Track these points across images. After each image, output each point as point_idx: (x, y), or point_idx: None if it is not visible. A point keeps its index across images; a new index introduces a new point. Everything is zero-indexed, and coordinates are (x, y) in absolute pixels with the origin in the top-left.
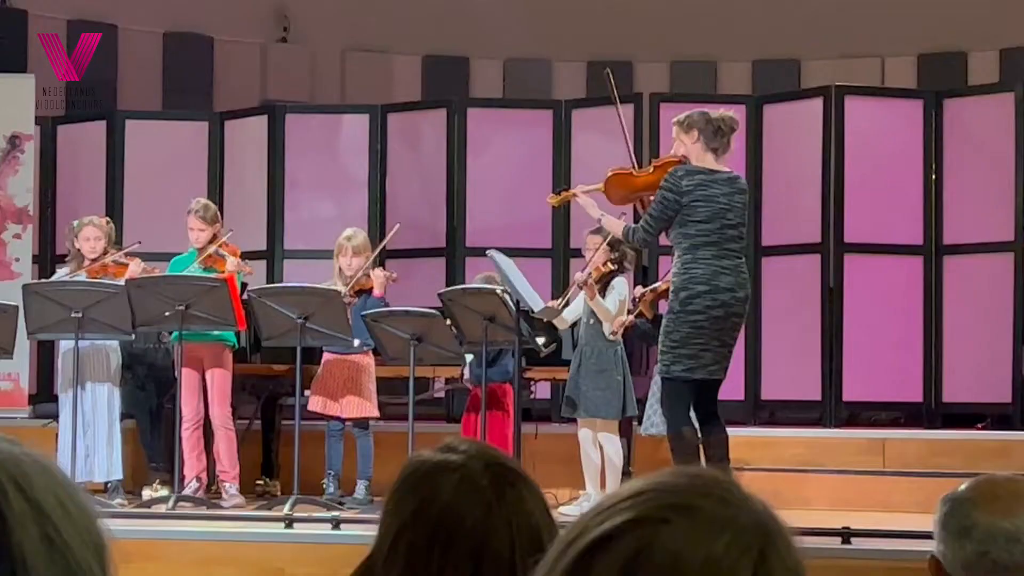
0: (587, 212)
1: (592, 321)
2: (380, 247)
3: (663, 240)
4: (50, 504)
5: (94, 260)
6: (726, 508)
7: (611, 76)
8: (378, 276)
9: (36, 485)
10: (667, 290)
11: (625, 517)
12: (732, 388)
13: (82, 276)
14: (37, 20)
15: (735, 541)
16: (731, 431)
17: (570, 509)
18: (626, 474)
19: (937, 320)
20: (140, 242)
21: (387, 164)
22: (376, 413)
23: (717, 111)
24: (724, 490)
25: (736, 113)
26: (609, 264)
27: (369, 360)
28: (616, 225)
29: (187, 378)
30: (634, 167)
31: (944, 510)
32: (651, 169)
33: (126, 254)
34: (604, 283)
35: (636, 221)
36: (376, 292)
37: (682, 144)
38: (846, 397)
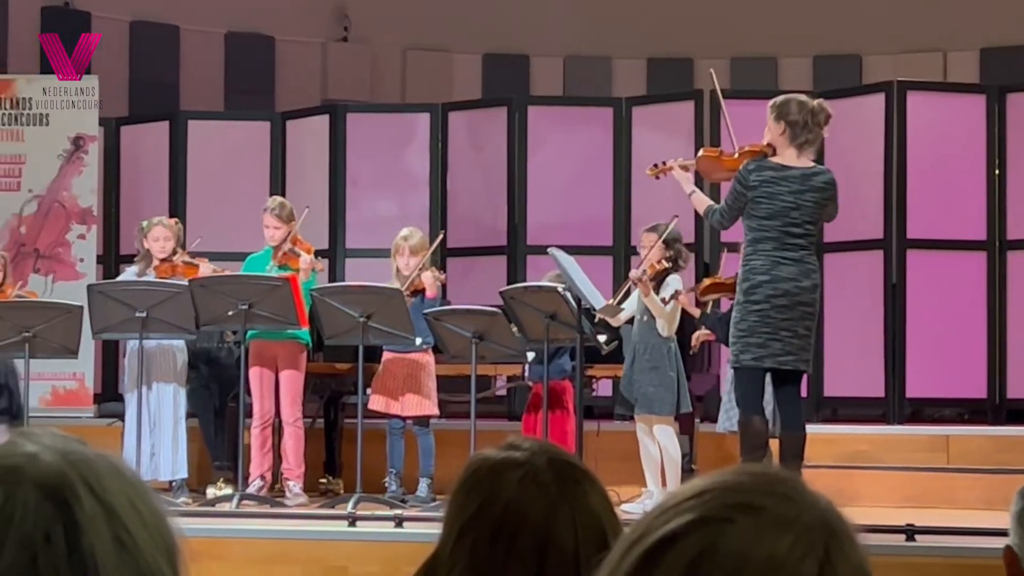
0: (681, 184)
1: (646, 318)
2: (424, 255)
3: (724, 236)
4: (122, 506)
5: (164, 260)
6: (790, 507)
7: (714, 76)
8: (427, 278)
9: (108, 487)
10: (709, 286)
11: (689, 517)
12: None
13: (152, 276)
14: (100, 22)
15: (800, 540)
16: None
17: (632, 507)
18: (689, 472)
19: (1001, 316)
20: (200, 238)
21: (448, 162)
22: (436, 411)
23: (815, 101)
24: (788, 488)
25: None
26: (664, 262)
27: (429, 358)
28: (703, 203)
29: (260, 376)
30: (722, 150)
31: (1021, 504)
32: (736, 155)
33: (193, 254)
34: (659, 280)
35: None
36: (428, 294)
37: (770, 131)
38: (909, 393)
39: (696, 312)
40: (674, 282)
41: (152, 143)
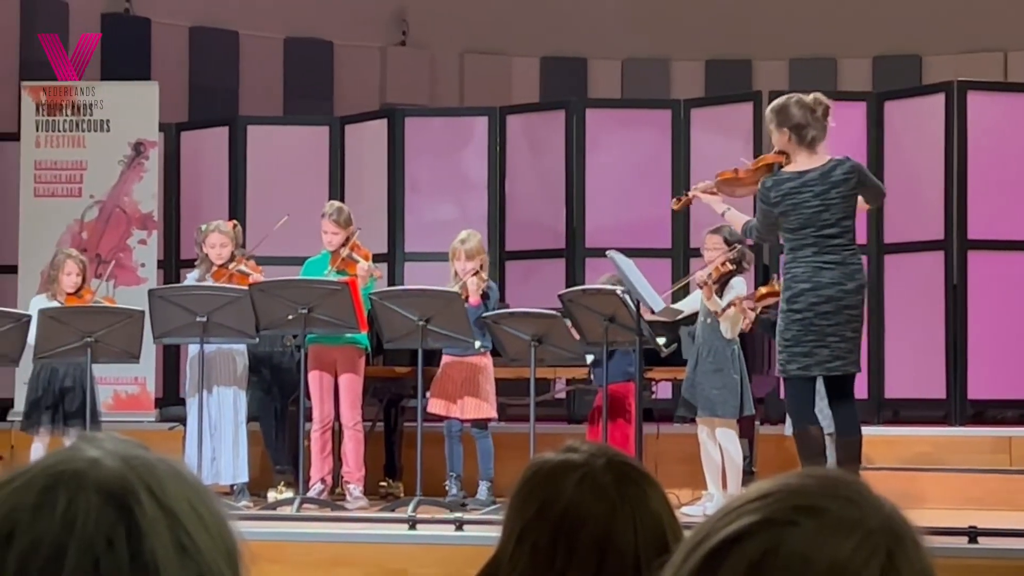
0: (712, 208)
1: (709, 320)
2: (479, 260)
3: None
4: (183, 510)
5: (221, 266)
6: (854, 510)
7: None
8: (471, 284)
9: (169, 491)
10: (765, 294)
11: (752, 519)
12: (855, 387)
13: (210, 281)
14: (159, 28)
15: (863, 543)
16: None
17: (692, 510)
18: (749, 474)
19: None
20: (288, 215)
21: (506, 166)
22: (494, 414)
23: (810, 96)
24: (852, 491)
25: (856, 110)
26: (728, 264)
27: (487, 361)
28: (739, 221)
29: (319, 380)
30: (737, 169)
31: None
32: (751, 168)
33: (247, 259)
34: (723, 283)
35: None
36: (472, 300)
37: (777, 140)
38: (971, 395)
39: (751, 317)
40: (738, 284)
41: (212, 148)
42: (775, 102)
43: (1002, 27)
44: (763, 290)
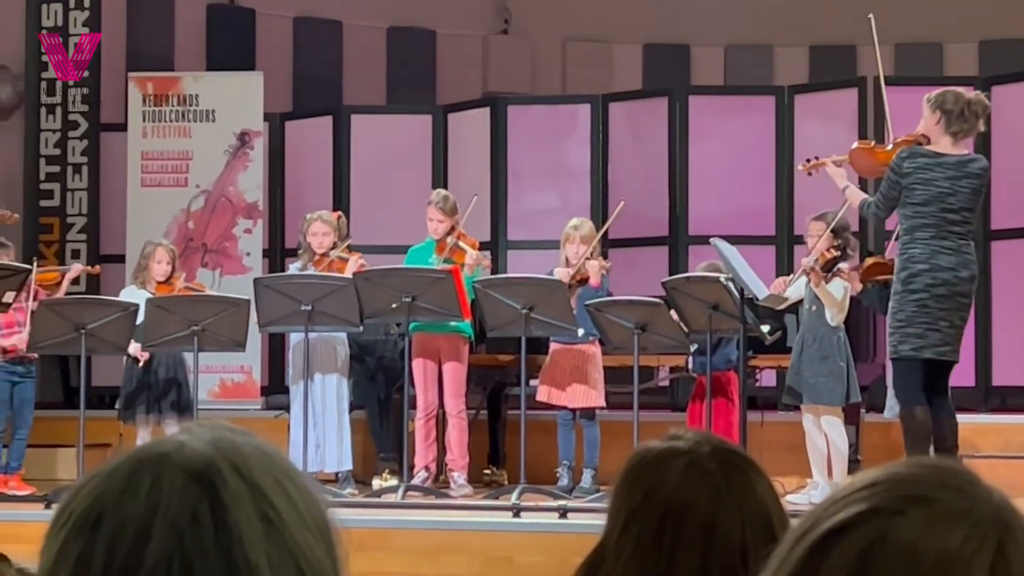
0: (834, 180)
1: (814, 308)
2: (605, 227)
3: (889, 224)
4: (268, 485)
5: (323, 255)
6: (963, 499)
7: (873, 22)
8: (593, 266)
9: (254, 467)
10: (871, 266)
11: (859, 508)
12: (962, 374)
13: (312, 270)
14: (264, 18)
15: (972, 533)
16: (962, 417)
17: (797, 498)
18: (854, 462)
19: None
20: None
21: (609, 153)
22: (602, 402)
23: (973, 92)
24: (961, 481)
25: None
26: (833, 250)
27: (596, 350)
28: (858, 197)
29: (423, 369)
30: (875, 142)
31: None
32: (890, 147)
33: (348, 248)
34: (827, 269)
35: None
36: (592, 282)
37: (925, 121)
38: None
39: (858, 287)
40: None
41: (316, 138)
42: (934, 92)
43: None
44: (869, 261)
